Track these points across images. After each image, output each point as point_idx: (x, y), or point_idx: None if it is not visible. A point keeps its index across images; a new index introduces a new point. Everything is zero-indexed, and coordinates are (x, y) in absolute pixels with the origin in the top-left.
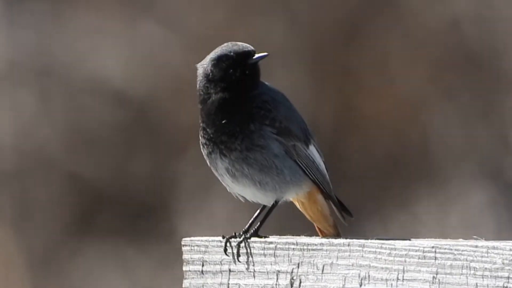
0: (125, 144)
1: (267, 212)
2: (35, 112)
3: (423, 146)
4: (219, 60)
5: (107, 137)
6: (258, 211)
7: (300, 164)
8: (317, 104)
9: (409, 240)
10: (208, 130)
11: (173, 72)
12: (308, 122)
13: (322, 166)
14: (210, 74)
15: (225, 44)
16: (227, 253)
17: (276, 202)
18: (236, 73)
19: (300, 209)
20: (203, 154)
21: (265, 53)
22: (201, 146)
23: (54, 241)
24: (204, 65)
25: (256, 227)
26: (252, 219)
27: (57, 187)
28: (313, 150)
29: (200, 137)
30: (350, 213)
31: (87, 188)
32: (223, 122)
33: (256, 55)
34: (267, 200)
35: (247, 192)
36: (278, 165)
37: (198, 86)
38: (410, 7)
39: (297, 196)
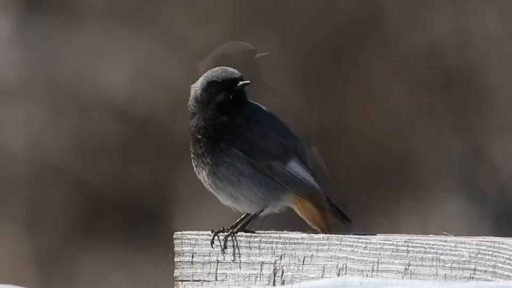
0: (127, 154)
1: (253, 215)
2: (44, 124)
3: (404, 158)
4: (208, 85)
5: (111, 148)
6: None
7: (278, 181)
8: (304, 119)
9: (384, 235)
10: (194, 144)
11: (172, 88)
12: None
13: (306, 179)
14: (199, 96)
15: (216, 69)
16: (213, 245)
17: (261, 210)
18: (221, 97)
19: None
20: (193, 166)
21: (247, 81)
22: (191, 160)
23: (61, 244)
24: (195, 88)
25: (243, 223)
26: (242, 217)
27: (64, 194)
28: (293, 166)
29: (190, 149)
30: (348, 219)
31: (92, 194)
32: (199, 137)
33: (240, 82)
34: (250, 210)
35: (227, 202)
36: (245, 182)
37: (188, 103)
38: (394, 28)
39: (284, 207)
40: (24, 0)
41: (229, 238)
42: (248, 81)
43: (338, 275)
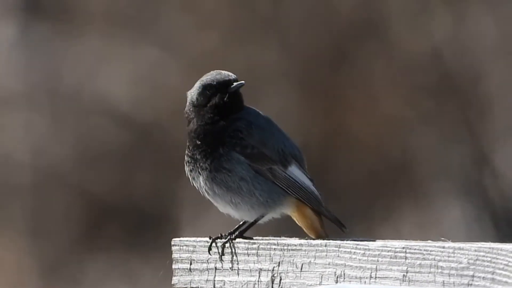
0: (129, 161)
1: (252, 221)
2: (47, 132)
3: (405, 164)
4: (203, 88)
5: (114, 154)
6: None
7: (280, 185)
8: (306, 124)
9: (382, 241)
10: (190, 148)
11: (174, 94)
12: (298, 141)
13: (306, 184)
14: (195, 100)
15: (210, 72)
16: (211, 252)
17: (261, 216)
18: (216, 99)
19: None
20: (186, 172)
21: (242, 82)
22: (185, 165)
23: (64, 250)
24: (191, 92)
25: (241, 229)
26: (240, 223)
27: (68, 201)
28: (293, 171)
29: (185, 156)
30: (344, 226)
31: (94, 201)
32: (198, 142)
33: (235, 84)
34: (249, 217)
35: (226, 210)
36: (246, 188)
37: (185, 109)
38: (394, 34)
39: (283, 212)
40: (25, 7)
41: (227, 244)
42: (243, 82)
43: (336, 282)
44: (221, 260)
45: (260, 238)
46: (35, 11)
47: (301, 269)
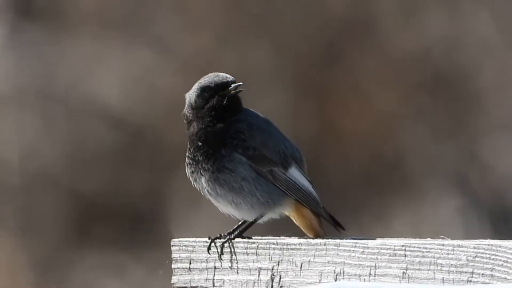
0: (121, 161)
1: (251, 221)
2: (38, 132)
3: (397, 160)
4: (202, 90)
5: (105, 155)
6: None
7: (279, 187)
8: (299, 122)
9: (381, 239)
10: (191, 150)
11: (166, 95)
12: (293, 140)
13: (305, 186)
14: (194, 103)
15: (208, 74)
16: (210, 252)
17: (260, 216)
18: (215, 102)
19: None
20: (187, 173)
21: (240, 83)
22: (186, 167)
23: (56, 250)
24: (190, 95)
25: (240, 229)
26: (239, 223)
27: (59, 200)
28: (293, 173)
29: (186, 158)
30: (341, 226)
31: (86, 201)
32: (199, 144)
33: (233, 85)
34: (250, 217)
35: (227, 210)
36: (247, 188)
37: (183, 111)
38: (386, 32)
39: (282, 213)
40: (16, 8)
41: (226, 244)
42: (241, 83)
43: (336, 280)
44: (220, 259)
45: (259, 237)
46: (26, 12)
47: (301, 267)
